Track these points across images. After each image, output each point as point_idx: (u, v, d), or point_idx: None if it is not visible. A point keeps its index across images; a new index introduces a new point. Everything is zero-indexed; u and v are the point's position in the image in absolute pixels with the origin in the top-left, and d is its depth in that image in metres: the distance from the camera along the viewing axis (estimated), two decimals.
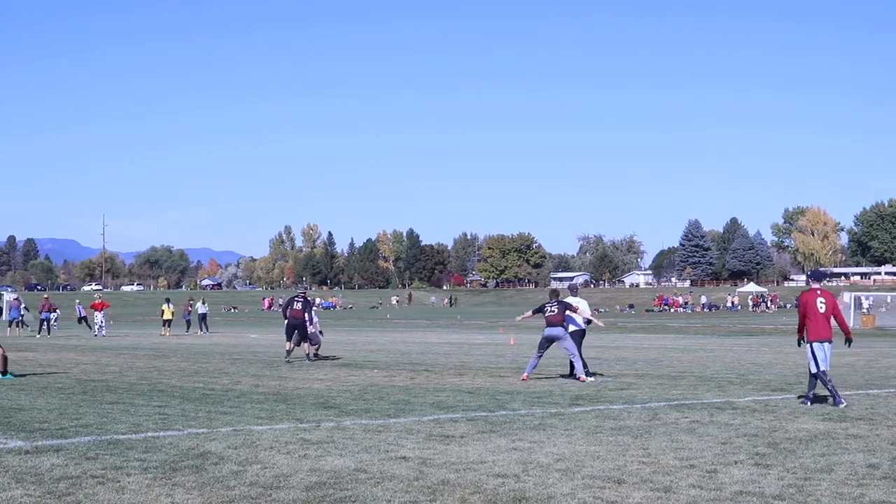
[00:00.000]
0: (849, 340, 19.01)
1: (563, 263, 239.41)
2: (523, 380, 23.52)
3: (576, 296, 25.29)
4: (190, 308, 61.32)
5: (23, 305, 60.64)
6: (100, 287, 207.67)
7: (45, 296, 61.22)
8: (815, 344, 18.21)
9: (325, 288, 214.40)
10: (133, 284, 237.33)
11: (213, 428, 14.78)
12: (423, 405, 18.10)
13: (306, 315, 31.06)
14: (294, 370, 27.06)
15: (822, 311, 18.24)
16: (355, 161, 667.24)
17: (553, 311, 23.99)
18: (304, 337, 30.97)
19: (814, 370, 18.16)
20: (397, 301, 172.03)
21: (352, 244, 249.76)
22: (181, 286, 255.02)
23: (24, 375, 24.70)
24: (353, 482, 10.55)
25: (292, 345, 30.91)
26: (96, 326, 55.19)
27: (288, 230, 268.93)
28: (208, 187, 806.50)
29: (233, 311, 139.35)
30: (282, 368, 27.71)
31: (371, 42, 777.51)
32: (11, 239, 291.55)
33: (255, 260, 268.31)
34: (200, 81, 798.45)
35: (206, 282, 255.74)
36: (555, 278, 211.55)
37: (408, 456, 12.22)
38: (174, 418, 16.01)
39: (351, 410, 17.25)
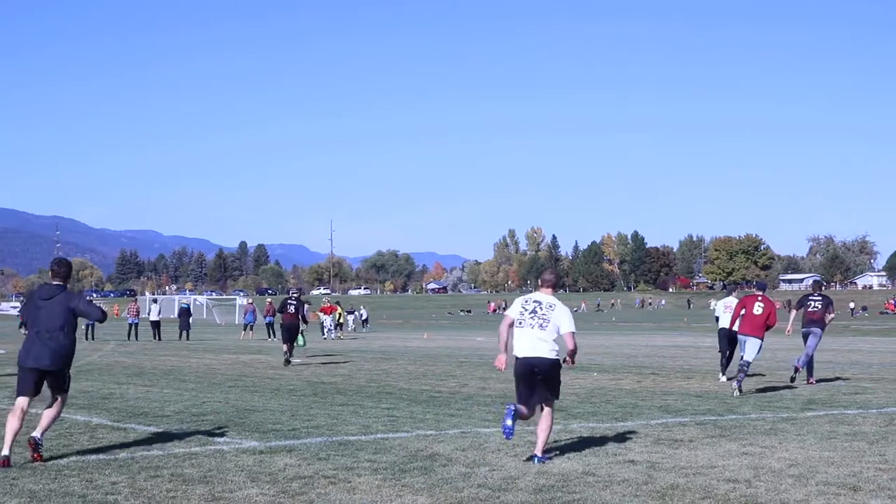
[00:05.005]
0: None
1: (793, 265, 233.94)
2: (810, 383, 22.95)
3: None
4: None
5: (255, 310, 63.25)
6: (328, 291, 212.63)
7: (269, 300, 63.33)
8: (741, 336, 21.53)
9: None
10: (360, 288, 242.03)
11: (441, 430, 14.93)
12: (650, 409, 17.93)
13: (300, 316, 31.63)
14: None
15: (757, 312, 21.24)
16: (579, 164, 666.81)
17: (816, 308, 23.64)
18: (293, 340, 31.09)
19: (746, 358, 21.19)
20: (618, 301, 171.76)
21: (576, 247, 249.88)
22: (407, 290, 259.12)
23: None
24: (582, 485, 10.52)
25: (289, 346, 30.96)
26: (325, 330, 56.55)
27: (512, 234, 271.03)
28: (434, 192, 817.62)
29: (464, 314, 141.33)
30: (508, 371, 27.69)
31: (602, 42, 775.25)
32: (243, 245, 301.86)
33: (480, 263, 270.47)
34: (428, 83, 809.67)
35: (431, 285, 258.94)
36: (784, 280, 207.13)
37: (636, 459, 12.12)
38: (403, 420, 16.23)
39: (577, 413, 17.20)
